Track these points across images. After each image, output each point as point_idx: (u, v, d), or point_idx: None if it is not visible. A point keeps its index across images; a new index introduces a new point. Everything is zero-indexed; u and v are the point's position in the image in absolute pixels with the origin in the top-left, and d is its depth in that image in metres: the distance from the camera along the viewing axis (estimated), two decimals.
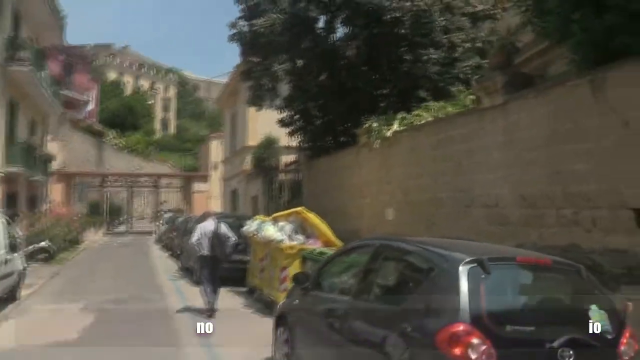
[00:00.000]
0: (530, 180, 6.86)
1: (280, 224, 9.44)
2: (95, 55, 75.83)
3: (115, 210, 38.50)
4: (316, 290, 4.99)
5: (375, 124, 11.49)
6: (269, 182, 20.80)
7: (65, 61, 43.14)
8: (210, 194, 35.96)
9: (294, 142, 17.54)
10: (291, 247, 8.93)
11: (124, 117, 72.36)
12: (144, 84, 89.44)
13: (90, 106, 49.34)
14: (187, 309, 9.27)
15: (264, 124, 23.43)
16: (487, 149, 7.78)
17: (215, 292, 9.04)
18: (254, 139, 24.14)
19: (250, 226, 11.15)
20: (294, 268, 8.94)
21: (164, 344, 7.02)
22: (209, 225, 9.28)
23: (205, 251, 9.11)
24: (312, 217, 9.19)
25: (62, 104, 33.63)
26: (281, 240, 9.07)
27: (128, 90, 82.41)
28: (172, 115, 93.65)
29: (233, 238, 9.35)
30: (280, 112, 15.95)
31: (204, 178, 35.07)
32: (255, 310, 9.55)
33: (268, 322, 8.41)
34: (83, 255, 20.41)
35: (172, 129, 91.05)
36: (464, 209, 8.27)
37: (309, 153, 15.84)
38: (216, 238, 9.08)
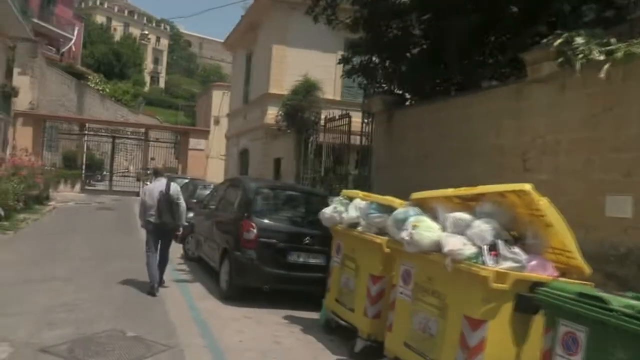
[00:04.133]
0: None
1: (454, 216, 4.21)
2: None
3: (95, 165, 32.92)
4: None
5: (580, 39, 6.25)
6: (304, 142, 15.46)
7: None
8: (209, 153, 30.49)
9: (357, 85, 12.27)
10: (501, 276, 3.74)
11: (110, 65, 66.41)
12: (134, 32, 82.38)
13: (72, 45, 43.25)
14: None
15: (295, 67, 18.16)
16: None
17: (162, 265, 7.50)
18: (278, 86, 18.79)
19: (340, 208, 5.95)
20: (500, 323, 3.82)
21: None
22: (156, 185, 7.51)
23: (153, 217, 7.36)
24: (546, 208, 3.95)
25: (34, 33, 27.81)
26: (472, 258, 3.87)
27: (117, 36, 75.61)
28: (162, 68, 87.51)
29: (184, 204, 7.59)
30: (352, 31, 10.58)
31: (204, 133, 29.50)
32: None
33: None
34: (48, 219, 15.11)
35: (162, 83, 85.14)
36: None
37: (390, 98, 10.50)
38: (165, 202, 7.30)
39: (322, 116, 15.42)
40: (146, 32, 76.91)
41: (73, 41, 43.08)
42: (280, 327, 6.12)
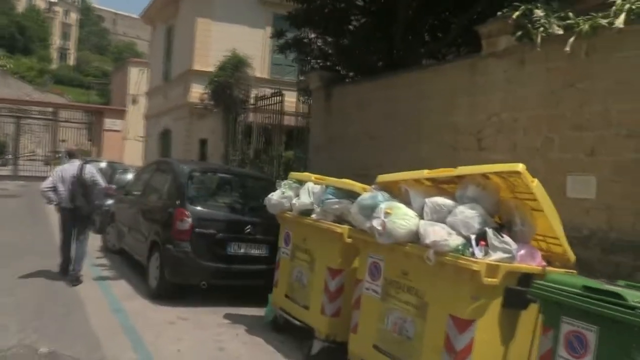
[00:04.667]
0: None
1: (434, 201, 3.70)
2: None
3: None
4: None
5: (539, 12, 5.95)
6: (232, 122, 14.56)
7: None
8: (126, 135, 28.61)
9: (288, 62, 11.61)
10: (492, 270, 3.27)
11: (13, 38, 61.23)
12: (40, 4, 76.23)
13: None
14: None
15: (220, 42, 17.13)
16: None
17: (79, 256, 6.89)
18: (202, 63, 17.73)
19: (289, 193, 5.32)
20: (489, 322, 3.39)
21: None
22: (70, 168, 7.05)
23: (65, 202, 6.93)
24: (538, 191, 3.51)
25: None
26: (459, 250, 3.37)
27: (20, 8, 69.74)
28: (72, 44, 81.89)
29: (102, 183, 7.16)
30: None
31: (120, 113, 27.58)
32: None
33: None
34: None
35: (71, 60, 79.69)
36: None
37: (329, 75, 9.87)
38: (79, 185, 6.89)
39: (252, 95, 14.62)
40: (54, 1, 71.36)
41: None
42: (223, 329, 5.41)
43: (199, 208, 6.27)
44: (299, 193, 5.21)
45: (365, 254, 4.19)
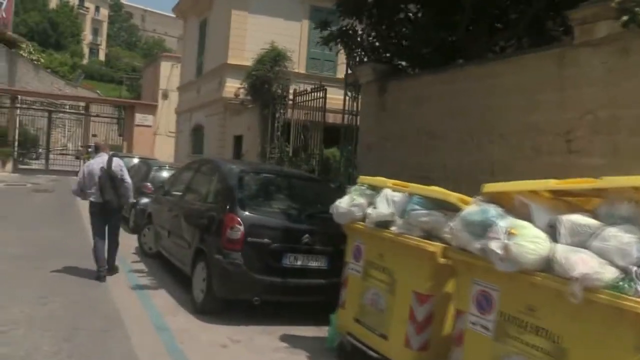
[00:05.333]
0: None
1: (573, 221, 2.91)
2: None
3: (30, 141, 30.00)
4: None
5: None
6: (271, 117, 13.89)
7: None
8: (157, 130, 28.25)
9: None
10: None
11: (45, 34, 61.92)
12: (71, 0, 76.99)
13: (3, 11, 39.37)
14: None
15: (255, 35, 16.52)
16: None
17: (112, 250, 6.93)
18: (238, 56, 17.11)
19: (360, 201, 4.60)
20: None
21: None
22: (97, 162, 6.90)
23: (94, 196, 6.78)
24: None
25: None
26: (618, 285, 2.59)
27: (52, 4, 70.50)
28: (102, 40, 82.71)
29: (129, 180, 6.96)
30: None
31: (151, 108, 27.22)
32: None
33: None
34: None
35: (101, 56, 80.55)
36: None
37: (383, 67, 9.11)
38: (107, 179, 6.71)
39: (290, 90, 13.95)
40: (85, 8, 72.23)
41: (3, 7, 39.22)
42: (281, 355, 4.72)
43: (251, 214, 5.58)
44: (373, 201, 4.48)
45: (467, 279, 3.44)
